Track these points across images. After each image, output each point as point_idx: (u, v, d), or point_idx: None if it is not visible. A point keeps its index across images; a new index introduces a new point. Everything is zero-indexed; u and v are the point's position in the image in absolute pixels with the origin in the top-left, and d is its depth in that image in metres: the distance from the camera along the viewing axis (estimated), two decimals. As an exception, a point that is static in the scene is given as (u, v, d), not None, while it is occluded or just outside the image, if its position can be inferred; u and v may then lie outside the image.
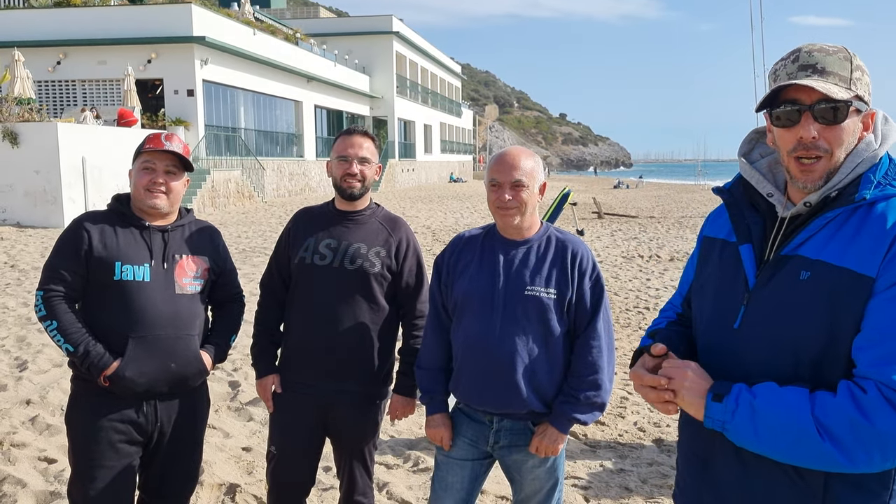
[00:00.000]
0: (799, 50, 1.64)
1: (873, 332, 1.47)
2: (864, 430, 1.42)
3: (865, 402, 1.43)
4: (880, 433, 1.42)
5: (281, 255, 3.06)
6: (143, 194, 2.73)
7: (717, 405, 1.56)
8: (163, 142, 2.73)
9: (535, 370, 2.51)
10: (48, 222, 16.80)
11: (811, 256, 1.58)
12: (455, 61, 65.12)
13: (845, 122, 1.57)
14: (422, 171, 47.90)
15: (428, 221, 20.68)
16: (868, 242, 1.52)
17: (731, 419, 1.54)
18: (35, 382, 5.86)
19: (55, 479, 4.13)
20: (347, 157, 2.93)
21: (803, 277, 1.57)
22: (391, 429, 5.04)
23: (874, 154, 1.62)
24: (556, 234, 2.64)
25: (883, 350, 1.45)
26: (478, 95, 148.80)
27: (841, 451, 1.44)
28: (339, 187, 2.96)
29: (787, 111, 1.60)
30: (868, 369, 1.46)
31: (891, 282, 1.48)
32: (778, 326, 1.59)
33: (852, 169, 1.60)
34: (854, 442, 1.43)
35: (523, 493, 2.69)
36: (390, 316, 2.99)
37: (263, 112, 30.36)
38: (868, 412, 1.42)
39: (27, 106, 18.08)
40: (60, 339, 2.62)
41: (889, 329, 1.45)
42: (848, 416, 1.43)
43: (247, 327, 3.06)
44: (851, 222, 1.57)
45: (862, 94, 1.60)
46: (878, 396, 1.42)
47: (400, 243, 3.00)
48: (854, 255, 1.53)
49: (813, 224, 1.60)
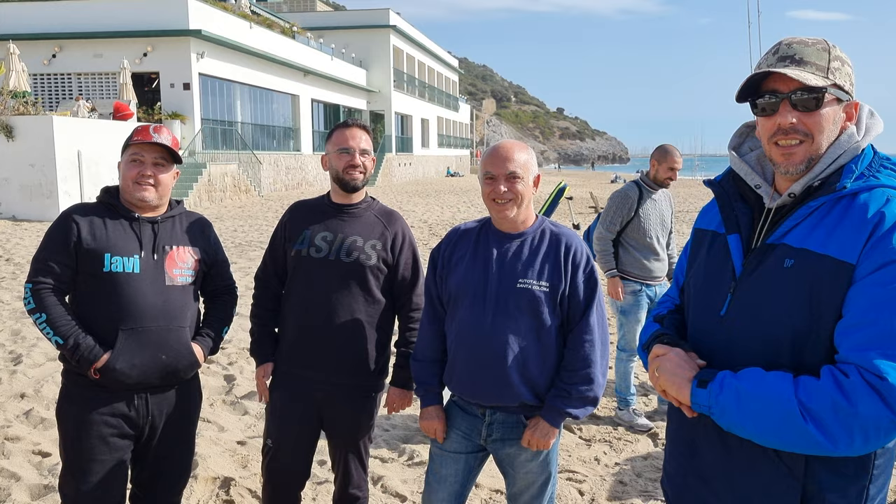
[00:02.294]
0: (780, 43, 1.71)
1: (854, 318, 1.52)
2: (846, 414, 1.46)
3: (848, 385, 1.47)
4: (862, 416, 1.45)
5: (276, 249, 3.05)
6: (132, 187, 2.72)
7: (702, 391, 1.62)
8: (151, 134, 2.71)
9: (526, 363, 2.51)
10: (44, 216, 16.76)
11: (795, 245, 1.63)
12: (452, 55, 65.05)
13: (824, 110, 1.64)
14: (419, 165, 47.86)
15: (425, 216, 20.67)
16: (850, 231, 1.57)
17: (716, 403, 1.59)
18: (29, 376, 5.85)
19: (49, 472, 4.12)
20: (350, 149, 2.92)
21: (787, 265, 1.62)
22: (386, 422, 5.04)
23: (856, 146, 1.67)
24: (551, 228, 2.63)
25: (864, 335, 1.49)
26: (475, 90, 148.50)
27: (824, 433, 1.48)
28: (341, 180, 2.95)
29: (767, 101, 1.67)
30: (849, 354, 1.50)
31: (871, 269, 1.52)
32: (762, 313, 1.65)
33: (834, 160, 1.67)
34: (836, 425, 1.47)
35: (516, 486, 2.68)
36: (386, 309, 2.99)
37: (260, 106, 30.28)
38: (850, 396, 1.46)
39: (22, 99, 18.01)
40: (50, 332, 2.60)
41: (869, 314, 1.50)
42: (831, 399, 1.47)
43: (241, 320, 3.06)
44: (835, 212, 1.62)
45: (841, 83, 1.66)
46: (860, 380, 1.46)
47: (396, 236, 2.99)
48: (836, 243, 1.57)
49: (797, 213, 1.66)
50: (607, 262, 5.10)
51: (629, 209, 5.02)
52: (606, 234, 5.09)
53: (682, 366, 1.70)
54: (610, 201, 5.14)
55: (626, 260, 5.09)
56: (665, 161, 5.02)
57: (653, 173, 5.09)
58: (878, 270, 1.51)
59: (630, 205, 5.02)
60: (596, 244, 5.14)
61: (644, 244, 5.05)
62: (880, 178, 1.63)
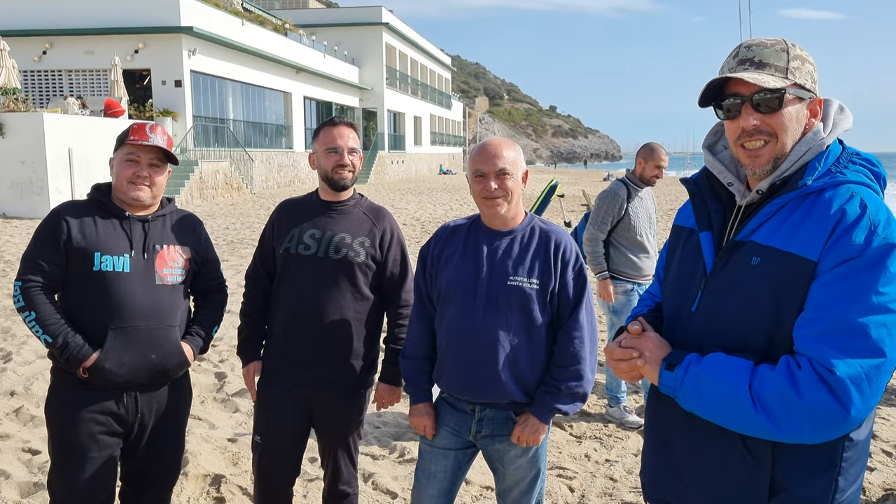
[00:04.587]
0: (740, 45, 1.75)
1: (811, 312, 1.56)
2: (793, 403, 1.51)
3: (798, 376, 1.52)
4: (808, 406, 1.50)
5: (266, 247, 3.06)
6: (127, 186, 2.71)
7: (669, 373, 1.68)
8: (148, 134, 2.71)
9: (516, 360, 2.52)
10: (34, 213, 16.67)
11: (762, 242, 1.66)
12: (445, 53, 64.95)
13: (786, 110, 1.67)
14: (411, 162, 47.82)
15: (417, 213, 20.66)
16: (812, 228, 1.60)
17: (679, 386, 1.65)
18: (19, 374, 5.83)
19: (39, 469, 4.11)
20: (338, 148, 2.93)
21: (754, 262, 1.66)
22: (377, 419, 5.05)
23: (821, 142, 1.69)
24: (541, 225, 2.64)
25: (817, 328, 1.53)
26: (468, 87, 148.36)
27: (771, 420, 1.53)
28: (330, 179, 2.96)
29: (729, 103, 1.71)
30: (803, 345, 1.55)
31: (831, 265, 1.55)
32: (729, 310, 1.69)
33: (799, 157, 1.69)
34: (784, 412, 1.52)
35: (506, 482, 2.70)
36: (375, 305, 3.00)
37: (252, 103, 30.18)
38: (799, 385, 1.51)
39: (13, 96, 17.89)
40: (39, 330, 2.60)
41: (825, 309, 1.53)
42: (780, 388, 1.52)
43: (231, 318, 3.06)
44: (801, 209, 1.65)
45: (802, 81, 1.69)
46: (811, 371, 1.50)
47: (384, 233, 3.00)
48: (799, 241, 1.60)
49: (762, 211, 1.69)
50: (599, 264, 5.09)
51: (619, 208, 5.03)
52: (598, 235, 5.08)
53: (660, 347, 1.75)
54: (599, 201, 5.13)
55: (618, 260, 5.09)
56: (652, 159, 5.03)
57: (639, 171, 5.10)
58: (838, 266, 1.54)
59: (620, 203, 5.03)
60: (587, 245, 5.12)
61: (635, 242, 5.06)
62: (847, 174, 1.65)
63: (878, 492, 4.04)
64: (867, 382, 1.49)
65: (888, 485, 4.11)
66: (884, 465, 4.38)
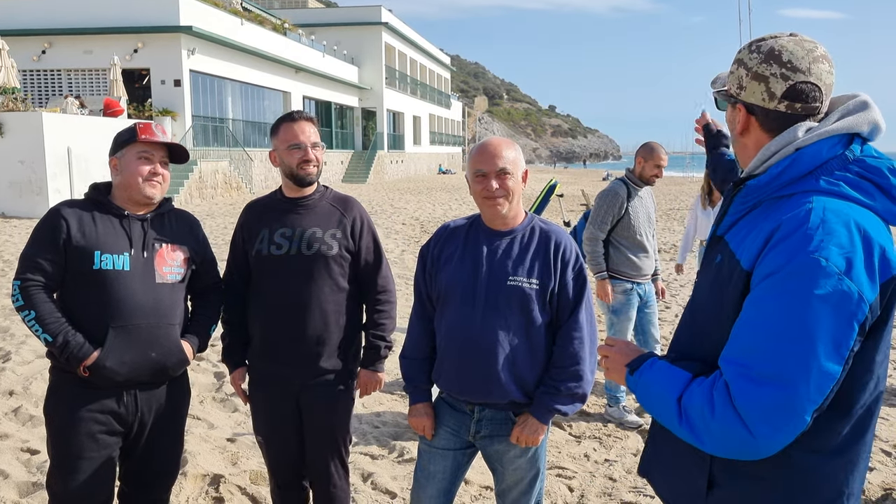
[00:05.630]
0: None
1: (734, 328, 1.51)
2: (708, 421, 1.49)
3: (715, 396, 1.48)
4: (720, 427, 1.47)
5: (237, 252, 3.07)
6: (142, 184, 2.72)
7: (629, 377, 1.72)
8: (157, 133, 2.74)
9: (515, 360, 2.52)
10: (33, 213, 16.64)
11: (729, 241, 1.63)
12: (444, 52, 64.89)
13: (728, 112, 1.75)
14: (411, 162, 47.79)
15: (416, 213, 20.66)
16: (756, 235, 1.53)
17: (636, 389, 1.70)
18: (18, 373, 5.82)
19: (38, 469, 4.11)
20: (301, 144, 2.93)
21: (717, 261, 1.65)
22: (376, 419, 5.04)
23: (790, 143, 1.57)
24: (541, 225, 2.64)
25: (732, 348, 1.50)
26: (467, 87, 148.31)
27: (694, 434, 1.52)
28: (295, 175, 2.95)
29: None
30: (722, 364, 1.51)
31: (759, 278, 1.48)
32: (696, 307, 1.73)
33: (769, 157, 1.60)
34: (703, 429, 1.50)
35: (505, 483, 2.69)
36: (352, 295, 3.01)
37: (251, 102, 30.17)
38: (715, 406, 1.47)
39: (12, 95, 17.87)
40: (39, 330, 2.59)
41: (740, 328, 1.49)
42: (700, 405, 1.50)
43: (228, 317, 3.06)
44: (758, 212, 1.60)
45: (729, 87, 1.71)
46: (724, 393, 1.47)
47: (354, 222, 3.00)
48: (745, 247, 1.56)
49: (731, 210, 1.68)
50: (598, 264, 5.08)
51: (619, 207, 5.02)
52: (598, 234, 5.07)
53: (625, 353, 1.78)
54: (599, 200, 5.13)
55: (617, 259, 5.09)
56: (651, 158, 5.03)
57: (638, 171, 5.10)
58: (762, 281, 1.47)
59: (620, 203, 5.03)
60: (586, 245, 5.12)
61: (635, 242, 5.06)
62: (823, 181, 1.52)
63: (878, 491, 4.04)
64: (774, 412, 1.40)
65: (887, 484, 4.11)
66: (883, 465, 4.38)
